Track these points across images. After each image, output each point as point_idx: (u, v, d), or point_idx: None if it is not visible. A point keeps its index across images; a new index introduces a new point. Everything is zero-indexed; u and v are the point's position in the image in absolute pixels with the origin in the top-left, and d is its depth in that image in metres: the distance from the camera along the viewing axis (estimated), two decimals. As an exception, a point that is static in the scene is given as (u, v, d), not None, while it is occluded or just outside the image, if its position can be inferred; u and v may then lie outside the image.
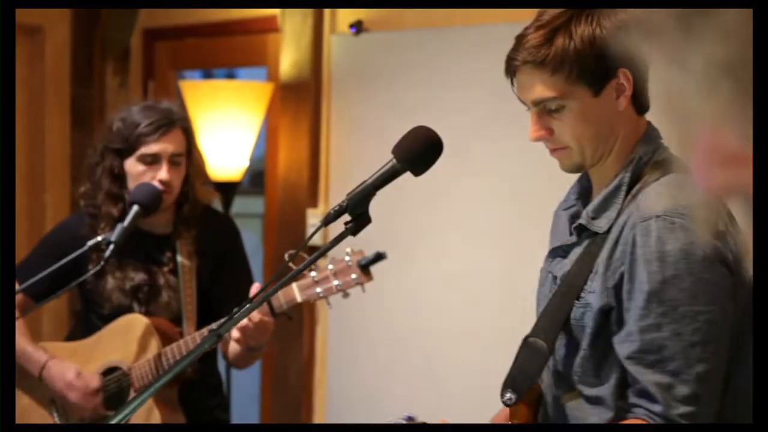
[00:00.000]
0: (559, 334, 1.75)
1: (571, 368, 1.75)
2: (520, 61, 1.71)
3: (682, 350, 1.59)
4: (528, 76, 1.71)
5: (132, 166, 2.66)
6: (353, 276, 2.36)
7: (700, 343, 1.59)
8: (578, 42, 1.67)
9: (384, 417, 3.55)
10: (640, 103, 1.75)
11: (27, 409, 2.77)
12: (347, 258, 2.37)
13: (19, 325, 2.74)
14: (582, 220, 1.76)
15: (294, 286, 2.40)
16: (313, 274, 2.39)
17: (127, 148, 2.66)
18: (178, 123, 2.68)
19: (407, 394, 3.47)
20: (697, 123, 0.68)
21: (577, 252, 1.77)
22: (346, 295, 2.37)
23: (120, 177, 2.69)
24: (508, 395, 1.76)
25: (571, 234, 1.81)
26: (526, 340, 1.79)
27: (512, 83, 1.75)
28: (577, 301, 1.72)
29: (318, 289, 2.38)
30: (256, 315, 2.34)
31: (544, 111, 1.72)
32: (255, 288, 2.22)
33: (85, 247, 2.45)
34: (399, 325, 3.52)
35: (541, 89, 1.70)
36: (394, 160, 1.66)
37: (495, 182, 3.21)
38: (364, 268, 2.37)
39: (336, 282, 2.36)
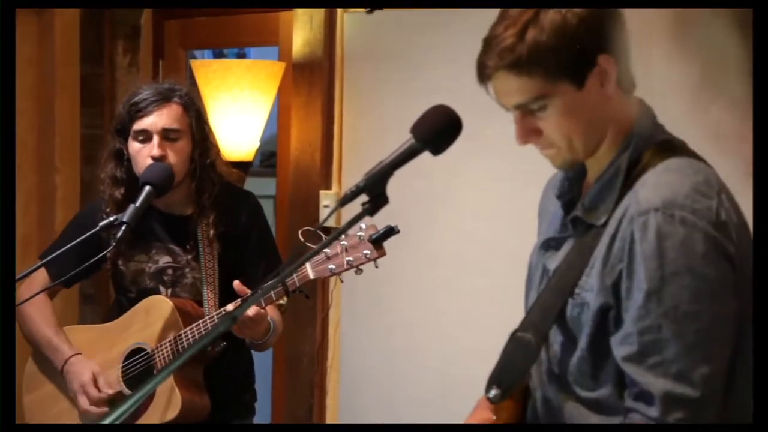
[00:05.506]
0: (549, 330, 1.68)
1: (566, 368, 1.67)
2: (492, 68, 1.61)
3: (685, 352, 1.52)
4: (504, 81, 1.62)
5: (131, 145, 2.64)
6: (366, 252, 2.31)
7: (703, 343, 1.52)
8: (549, 33, 1.56)
9: (397, 401, 3.51)
10: (625, 82, 1.66)
11: (50, 395, 2.75)
12: (360, 233, 2.33)
13: (46, 313, 2.75)
14: (577, 212, 1.69)
15: (306, 263, 2.37)
16: (326, 250, 2.35)
17: (125, 129, 2.64)
18: (173, 98, 2.63)
19: (419, 378, 3.44)
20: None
21: (570, 243, 1.70)
22: (359, 271, 2.33)
23: (124, 160, 2.67)
24: (494, 392, 1.70)
25: (565, 225, 1.74)
26: (513, 334, 1.72)
27: (486, 90, 1.65)
28: (571, 299, 1.64)
29: (331, 266, 2.34)
30: (252, 309, 2.34)
31: (527, 112, 1.64)
32: None
33: (97, 228, 2.44)
34: (411, 309, 3.48)
35: (521, 93, 1.61)
36: (413, 139, 1.60)
37: (512, 163, 3.15)
38: (376, 242, 2.33)
39: (348, 258, 2.32)
